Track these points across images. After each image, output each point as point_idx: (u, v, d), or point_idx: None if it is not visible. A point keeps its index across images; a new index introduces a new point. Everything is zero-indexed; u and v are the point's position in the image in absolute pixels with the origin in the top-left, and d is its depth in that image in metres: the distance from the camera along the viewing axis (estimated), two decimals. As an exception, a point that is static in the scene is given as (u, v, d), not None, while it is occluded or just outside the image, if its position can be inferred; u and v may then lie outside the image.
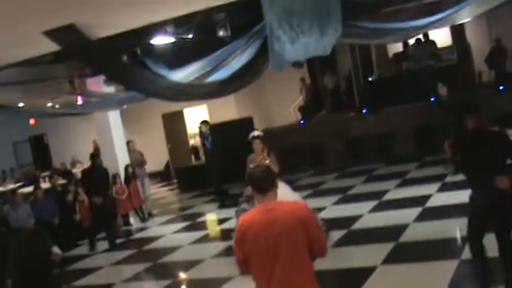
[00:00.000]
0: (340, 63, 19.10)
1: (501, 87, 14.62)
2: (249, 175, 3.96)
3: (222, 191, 13.78)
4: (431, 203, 9.77)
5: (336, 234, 8.85)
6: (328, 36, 5.14)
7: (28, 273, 7.43)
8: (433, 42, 16.05)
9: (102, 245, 11.88)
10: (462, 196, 7.06)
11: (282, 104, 20.41)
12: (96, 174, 11.82)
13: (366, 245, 8.18)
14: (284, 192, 7.28)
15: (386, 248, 7.75)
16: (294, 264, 3.73)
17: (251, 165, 8.32)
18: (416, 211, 9.34)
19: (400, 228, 8.53)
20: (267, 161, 8.07)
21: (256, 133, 8.72)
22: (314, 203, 10.58)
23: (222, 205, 13.35)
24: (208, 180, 14.66)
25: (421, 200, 9.98)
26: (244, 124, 15.91)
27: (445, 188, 10.64)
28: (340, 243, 8.52)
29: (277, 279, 3.72)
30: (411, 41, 16.34)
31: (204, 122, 13.93)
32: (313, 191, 12.96)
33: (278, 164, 8.24)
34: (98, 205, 11.64)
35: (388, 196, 10.95)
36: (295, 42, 5.18)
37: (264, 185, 3.87)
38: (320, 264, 4.11)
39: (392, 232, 8.43)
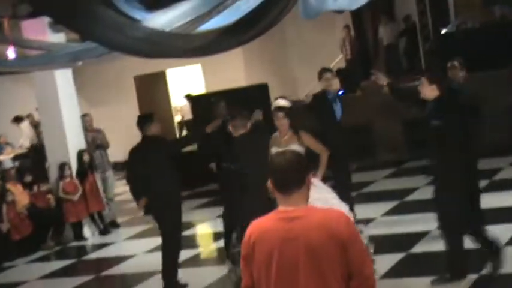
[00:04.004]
0: (400, 7, 19.00)
1: None
2: (269, 164, 3.97)
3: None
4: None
5: (388, 261, 8.82)
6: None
7: None
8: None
9: (40, 267, 11.93)
10: None
11: (312, 66, 20.22)
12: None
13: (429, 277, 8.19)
14: (321, 197, 7.21)
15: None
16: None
17: (273, 151, 8.31)
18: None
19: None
20: (295, 146, 7.94)
21: (281, 102, 8.55)
22: (357, 212, 10.57)
23: None
24: (204, 174, 14.27)
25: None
26: (256, 94, 15.87)
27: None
28: (394, 273, 8.50)
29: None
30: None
31: (329, 71, 11.61)
32: (355, 195, 12.91)
33: (319, 145, 8.16)
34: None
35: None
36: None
37: (288, 180, 3.85)
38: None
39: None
